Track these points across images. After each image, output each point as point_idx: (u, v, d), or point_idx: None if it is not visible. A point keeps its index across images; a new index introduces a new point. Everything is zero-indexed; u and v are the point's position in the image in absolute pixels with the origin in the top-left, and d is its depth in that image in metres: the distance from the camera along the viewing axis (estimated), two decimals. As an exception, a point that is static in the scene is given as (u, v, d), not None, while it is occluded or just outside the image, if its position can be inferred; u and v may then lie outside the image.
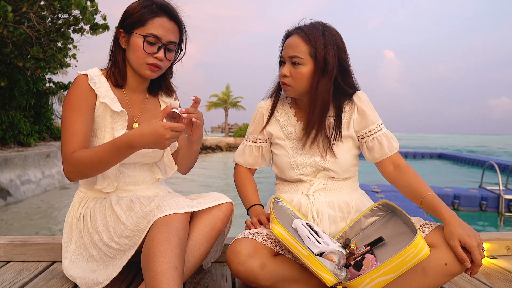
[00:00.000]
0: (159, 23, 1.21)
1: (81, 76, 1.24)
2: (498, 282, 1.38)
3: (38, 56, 7.96)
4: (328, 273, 1.02)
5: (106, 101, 1.24)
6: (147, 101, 1.38)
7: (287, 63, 1.30)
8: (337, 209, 1.34)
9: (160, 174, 1.43)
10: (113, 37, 1.28)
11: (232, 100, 35.96)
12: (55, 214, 6.37)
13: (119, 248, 1.17)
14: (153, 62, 1.23)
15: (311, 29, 1.28)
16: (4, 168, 7.01)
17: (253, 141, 1.48)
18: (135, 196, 1.25)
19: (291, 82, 1.30)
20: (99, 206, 1.27)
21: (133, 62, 1.25)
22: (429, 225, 1.19)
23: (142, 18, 1.20)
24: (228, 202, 1.24)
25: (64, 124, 1.21)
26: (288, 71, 1.29)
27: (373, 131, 1.35)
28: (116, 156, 1.15)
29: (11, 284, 1.29)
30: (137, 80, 1.32)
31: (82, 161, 1.15)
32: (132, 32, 1.22)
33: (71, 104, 1.21)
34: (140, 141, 1.10)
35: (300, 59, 1.27)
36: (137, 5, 1.22)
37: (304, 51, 1.26)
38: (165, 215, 1.08)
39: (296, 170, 1.36)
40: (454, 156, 18.65)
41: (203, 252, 1.18)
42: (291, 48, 1.28)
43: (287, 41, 1.31)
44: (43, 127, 10.85)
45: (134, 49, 1.22)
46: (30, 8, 6.91)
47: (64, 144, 1.19)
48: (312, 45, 1.26)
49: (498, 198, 6.50)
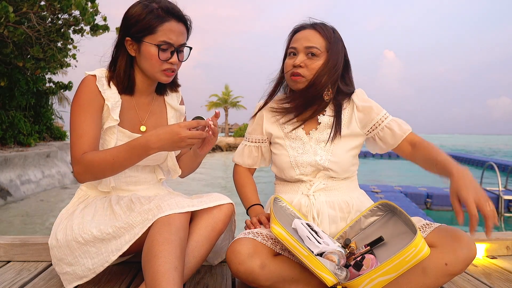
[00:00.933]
0: (168, 28, 1.19)
1: (89, 77, 1.23)
2: (498, 282, 1.38)
3: (38, 56, 7.97)
4: (328, 273, 1.02)
5: (109, 104, 1.23)
6: (153, 103, 1.37)
7: (301, 54, 1.31)
8: (337, 209, 1.34)
9: (162, 175, 1.43)
10: (116, 43, 1.26)
11: (232, 100, 35.97)
12: (55, 214, 6.36)
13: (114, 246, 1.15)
14: (168, 67, 1.23)
15: (324, 25, 1.34)
16: (4, 168, 7.02)
17: (252, 141, 1.48)
18: (135, 196, 1.25)
19: (306, 73, 1.31)
20: (99, 202, 1.27)
21: (148, 70, 1.24)
22: (430, 225, 1.19)
23: (150, 25, 1.18)
24: (229, 203, 1.24)
25: (73, 125, 1.19)
26: (302, 60, 1.30)
27: (380, 121, 1.36)
28: (131, 158, 1.14)
29: (11, 284, 1.29)
30: (147, 84, 1.31)
31: (95, 163, 1.14)
32: (142, 40, 1.19)
33: (80, 105, 1.20)
34: (157, 141, 1.09)
35: (317, 50, 1.29)
36: (141, 11, 1.19)
37: (322, 44, 1.30)
38: (166, 215, 1.08)
39: (296, 170, 1.36)
40: (454, 156, 18.62)
41: (204, 252, 1.18)
42: (308, 39, 1.30)
43: (300, 33, 1.33)
44: (43, 127, 10.86)
45: (148, 57, 1.21)
46: (30, 8, 6.92)
47: (73, 146, 1.18)
48: (328, 40, 1.31)
49: (497, 199, 6.49)
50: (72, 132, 1.20)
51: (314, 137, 1.37)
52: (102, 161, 1.13)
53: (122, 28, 1.23)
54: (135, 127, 1.32)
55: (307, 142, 1.37)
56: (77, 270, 1.17)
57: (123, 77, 1.26)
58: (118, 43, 1.26)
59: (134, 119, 1.32)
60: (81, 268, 1.16)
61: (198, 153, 1.28)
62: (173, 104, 1.42)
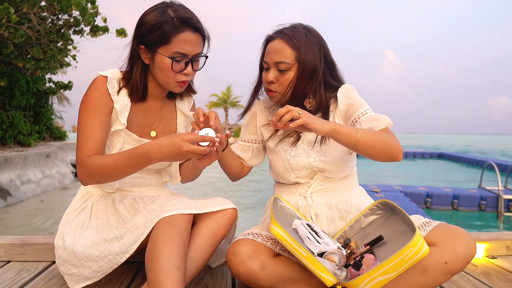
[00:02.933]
0: (184, 39, 1.15)
1: (101, 78, 1.21)
2: (498, 282, 1.38)
3: (38, 57, 7.98)
4: (327, 274, 1.02)
5: (117, 107, 1.21)
6: (164, 108, 1.36)
7: (272, 69, 1.27)
8: (335, 210, 1.34)
9: (167, 177, 1.43)
10: (131, 50, 1.22)
11: (232, 100, 35.95)
12: (56, 214, 6.36)
13: (118, 249, 1.16)
14: (182, 79, 1.20)
15: (294, 32, 1.25)
16: (4, 168, 7.02)
17: (245, 140, 1.48)
18: (139, 196, 1.25)
19: (278, 88, 1.27)
20: (102, 203, 1.27)
21: (161, 80, 1.22)
22: (429, 224, 1.19)
23: (165, 35, 1.14)
24: (233, 208, 1.23)
25: (81, 126, 1.18)
26: (274, 77, 1.26)
27: (357, 117, 1.28)
28: (133, 166, 1.11)
29: (11, 284, 1.29)
30: (160, 91, 1.30)
31: (97, 168, 1.12)
32: (156, 50, 1.16)
33: (88, 106, 1.18)
34: (158, 153, 1.05)
35: (286, 64, 1.24)
36: (156, 19, 1.14)
37: (290, 56, 1.24)
38: (169, 215, 1.08)
39: (291, 174, 1.35)
40: (454, 156, 18.71)
41: (206, 256, 1.18)
42: (276, 53, 1.25)
43: (269, 46, 1.28)
44: (43, 127, 10.86)
45: (162, 68, 1.18)
46: (30, 8, 6.92)
47: (79, 148, 1.17)
48: (297, 49, 1.23)
49: (497, 198, 6.50)
50: (79, 133, 1.18)
51: (305, 139, 1.35)
52: (104, 167, 1.12)
53: (136, 35, 1.19)
54: (144, 131, 1.30)
55: (299, 144, 1.35)
56: (84, 272, 1.17)
57: (139, 85, 1.23)
58: (133, 50, 1.22)
59: (144, 123, 1.30)
60: (88, 270, 1.17)
61: (197, 165, 1.21)
62: (183, 110, 1.40)
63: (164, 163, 1.35)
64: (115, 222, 1.19)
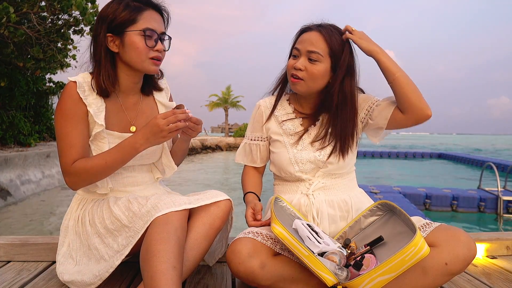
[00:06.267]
0: (149, 16, 1.20)
1: (70, 84, 1.20)
2: (498, 282, 1.39)
3: (38, 57, 7.96)
4: (328, 273, 1.02)
5: (91, 111, 1.20)
6: (142, 102, 1.36)
7: (302, 57, 1.30)
8: (336, 208, 1.34)
9: (159, 174, 1.42)
10: (93, 44, 1.23)
11: (232, 100, 35.95)
12: (55, 214, 6.36)
13: (118, 249, 1.17)
14: (155, 55, 1.22)
15: (331, 29, 1.30)
16: (4, 168, 7.01)
17: (252, 139, 1.49)
18: (132, 196, 1.25)
19: (305, 76, 1.30)
20: (97, 208, 1.26)
21: (135, 61, 1.21)
22: (430, 225, 1.20)
23: (131, 16, 1.18)
24: (227, 199, 1.24)
25: (59, 135, 1.18)
26: (303, 64, 1.29)
27: (371, 103, 1.35)
28: (123, 158, 1.18)
29: (11, 284, 1.29)
30: (131, 81, 1.29)
31: (88, 169, 1.16)
32: (124, 31, 1.19)
33: (63, 114, 1.18)
34: (142, 137, 1.15)
35: (319, 55, 1.27)
36: (117, 6, 1.19)
37: (324, 49, 1.27)
38: (163, 214, 1.08)
39: (295, 166, 1.36)
40: (454, 156, 18.72)
41: (202, 250, 1.18)
42: (311, 43, 1.28)
43: (305, 35, 1.31)
44: (43, 127, 10.85)
45: (134, 46, 1.19)
46: (30, 8, 6.92)
47: (63, 156, 1.17)
48: (332, 46, 1.28)
49: (496, 199, 6.50)
50: (59, 142, 1.18)
51: (313, 133, 1.37)
52: (95, 166, 1.16)
53: (99, 28, 1.21)
54: (125, 128, 1.30)
55: (305, 138, 1.37)
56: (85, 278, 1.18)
57: (110, 74, 1.23)
58: (97, 45, 1.22)
59: (123, 120, 1.30)
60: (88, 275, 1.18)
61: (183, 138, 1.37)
62: (163, 101, 1.40)
63: (155, 156, 1.36)
64: (112, 225, 1.19)
